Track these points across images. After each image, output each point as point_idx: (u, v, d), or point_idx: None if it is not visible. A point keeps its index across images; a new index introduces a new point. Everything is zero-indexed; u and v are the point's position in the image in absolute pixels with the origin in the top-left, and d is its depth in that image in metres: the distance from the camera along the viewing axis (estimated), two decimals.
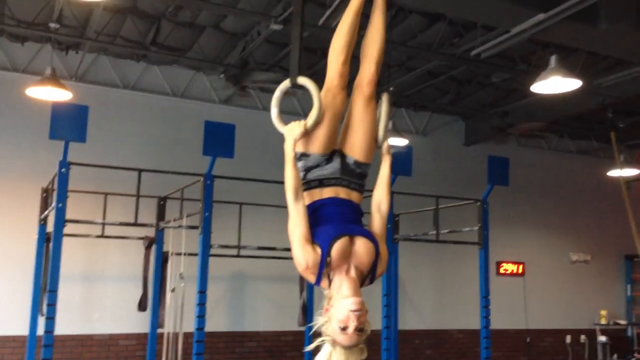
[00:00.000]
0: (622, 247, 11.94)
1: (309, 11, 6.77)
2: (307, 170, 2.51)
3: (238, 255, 8.14)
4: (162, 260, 7.74)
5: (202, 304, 6.05)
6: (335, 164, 2.53)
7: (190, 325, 7.00)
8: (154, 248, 7.74)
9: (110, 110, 8.68)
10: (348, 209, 2.50)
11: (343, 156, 2.58)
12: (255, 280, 9.20)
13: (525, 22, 4.71)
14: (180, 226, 6.47)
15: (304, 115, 2.57)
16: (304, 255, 2.32)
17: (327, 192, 2.50)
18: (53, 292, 5.59)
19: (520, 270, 10.93)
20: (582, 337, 11.28)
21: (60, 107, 6.19)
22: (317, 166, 2.51)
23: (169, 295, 7.21)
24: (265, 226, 9.09)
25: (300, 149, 2.50)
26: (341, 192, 2.51)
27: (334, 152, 2.56)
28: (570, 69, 5.72)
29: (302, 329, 8.65)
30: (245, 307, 9.05)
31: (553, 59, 5.67)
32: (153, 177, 7.70)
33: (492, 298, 7.45)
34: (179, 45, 8.16)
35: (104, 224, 6.63)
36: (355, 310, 2.23)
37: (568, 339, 11.17)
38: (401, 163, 6.87)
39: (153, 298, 7.73)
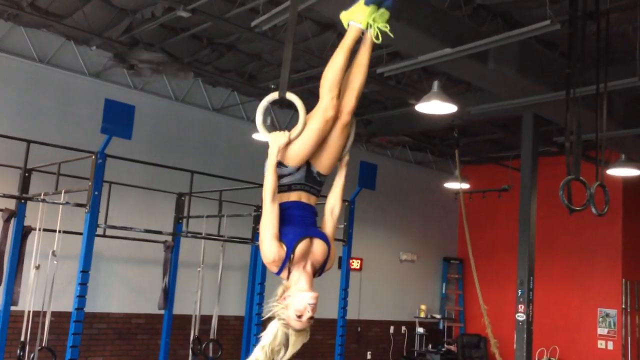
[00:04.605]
0: (442, 250, 13.56)
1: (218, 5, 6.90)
2: (280, 177, 2.86)
3: (104, 235, 7.96)
4: (22, 235, 7.38)
5: (83, 284, 5.93)
6: (302, 172, 2.90)
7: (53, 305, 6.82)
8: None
9: None
10: (308, 212, 2.92)
11: (309, 165, 2.94)
12: (111, 261, 9.02)
13: (432, 53, 5.34)
14: (67, 202, 6.25)
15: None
16: (272, 251, 2.71)
17: (293, 196, 2.89)
18: None
19: (358, 266, 11.85)
20: (403, 328, 12.56)
21: None
22: (289, 174, 2.88)
23: (32, 272, 6.91)
24: (126, 207, 8.98)
25: (280, 158, 2.83)
26: (303, 196, 2.91)
27: None
28: (448, 95, 6.50)
29: (156, 312, 8.72)
30: (98, 288, 8.82)
31: (435, 84, 6.41)
32: (8, 144, 7.33)
33: (332, 290, 8.18)
34: (59, 11, 7.75)
35: None
36: (312, 304, 2.71)
37: (392, 329, 12.37)
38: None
39: (8, 274, 7.31)
